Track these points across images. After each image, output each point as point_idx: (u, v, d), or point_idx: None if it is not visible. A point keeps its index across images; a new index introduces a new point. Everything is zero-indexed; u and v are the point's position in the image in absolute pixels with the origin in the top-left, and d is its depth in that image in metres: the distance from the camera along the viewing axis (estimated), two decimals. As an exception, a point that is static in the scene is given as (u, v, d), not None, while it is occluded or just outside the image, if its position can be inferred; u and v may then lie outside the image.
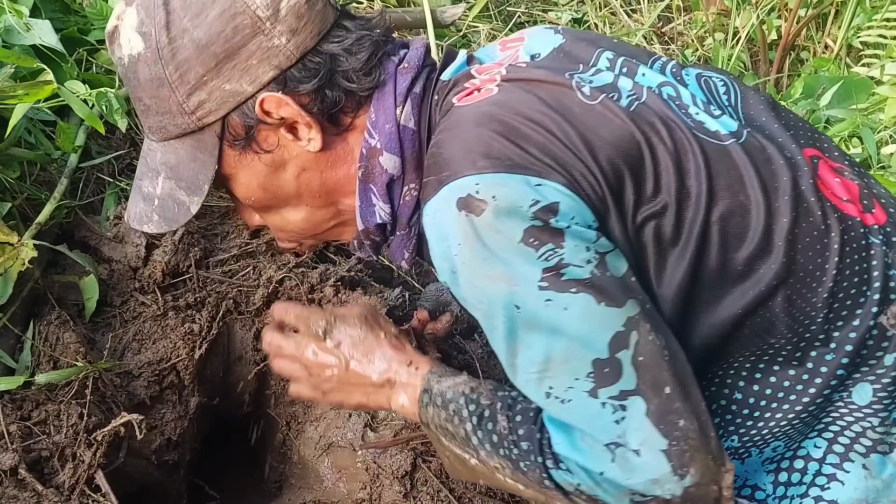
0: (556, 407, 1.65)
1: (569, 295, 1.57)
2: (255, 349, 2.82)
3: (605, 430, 1.61)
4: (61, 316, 2.52)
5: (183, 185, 1.83)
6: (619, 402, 1.60)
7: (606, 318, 1.59)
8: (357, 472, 2.58)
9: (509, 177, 1.58)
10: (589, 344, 1.59)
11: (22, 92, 2.39)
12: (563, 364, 1.61)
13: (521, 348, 1.64)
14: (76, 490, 2.18)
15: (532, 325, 1.61)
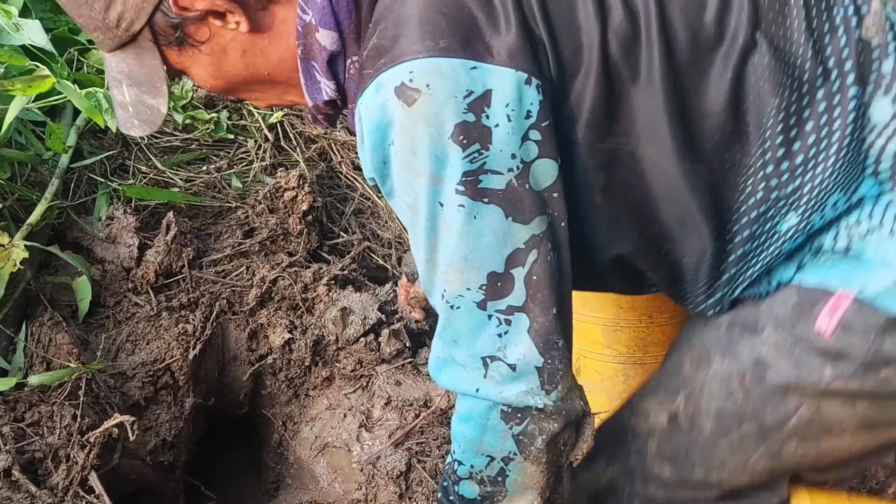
0: (445, 311, 1.67)
1: (480, 204, 1.57)
2: (249, 349, 2.82)
3: (485, 343, 1.65)
4: (54, 317, 2.50)
5: (145, 89, 1.80)
6: (505, 317, 1.63)
7: (510, 234, 1.59)
8: (352, 473, 2.57)
9: (444, 61, 1.53)
10: (488, 256, 1.60)
11: (20, 86, 2.37)
12: (459, 272, 1.62)
13: (428, 244, 1.64)
14: (70, 491, 2.17)
15: (444, 224, 1.60)
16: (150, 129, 1.89)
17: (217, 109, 3.34)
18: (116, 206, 2.81)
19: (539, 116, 1.56)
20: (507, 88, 1.54)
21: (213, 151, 3.24)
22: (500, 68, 1.53)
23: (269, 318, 2.80)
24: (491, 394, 1.67)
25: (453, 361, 1.70)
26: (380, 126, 1.58)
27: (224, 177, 3.13)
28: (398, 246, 3.29)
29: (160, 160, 3.05)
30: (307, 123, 3.44)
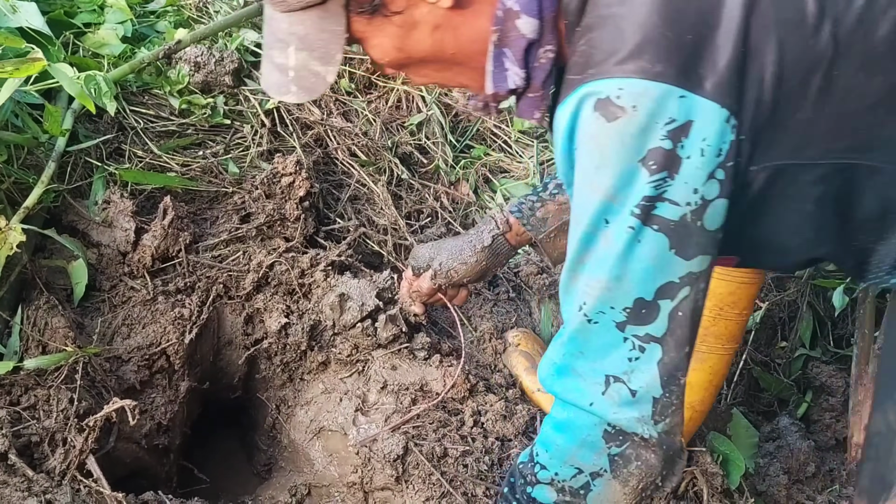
0: (580, 324, 1.70)
1: (649, 230, 1.60)
2: (244, 333, 2.82)
3: (613, 363, 1.70)
4: (50, 301, 2.51)
5: (316, 55, 1.76)
6: (640, 344, 1.68)
7: (669, 265, 1.63)
8: (348, 456, 2.58)
9: (656, 86, 1.54)
10: (640, 282, 1.64)
11: (11, 67, 2.36)
12: (607, 289, 1.65)
13: (591, 258, 1.67)
14: (67, 475, 2.18)
15: (605, 239, 1.63)
16: (308, 98, 1.89)
17: (213, 95, 3.33)
18: (113, 190, 2.81)
19: (727, 156, 1.59)
20: (709, 123, 1.56)
21: (210, 136, 3.24)
22: (707, 102, 1.55)
23: (265, 303, 2.80)
24: (604, 412, 1.72)
25: (573, 371, 1.75)
26: (572, 135, 1.62)
27: (220, 162, 3.13)
28: (393, 232, 3.30)
29: (156, 144, 3.05)
30: (304, 109, 3.44)
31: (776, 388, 3.39)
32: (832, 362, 3.48)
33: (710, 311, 2.59)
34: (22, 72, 2.38)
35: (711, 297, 2.42)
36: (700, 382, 2.68)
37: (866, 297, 3.21)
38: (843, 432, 3.21)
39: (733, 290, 2.59)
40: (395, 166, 3.51)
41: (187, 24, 3.55)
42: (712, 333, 2.63)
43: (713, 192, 1.60)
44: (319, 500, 2.60)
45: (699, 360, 2.63)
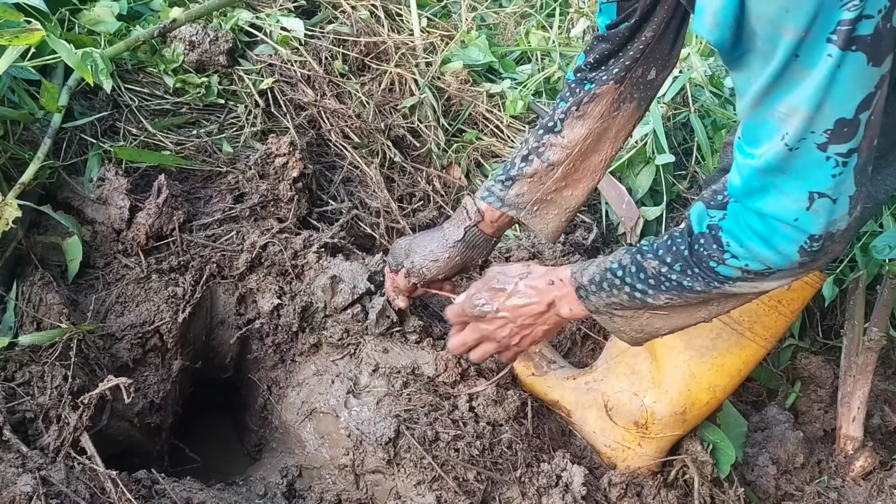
0: (779, 152, 1.74)
1: (849, 53, 1.60)
2: (237, 314, 2.82)
3: (818, 180, 1.75)
4: (45, 277, 2.50)
5: None
6: (843, 159, 1.72)
7: (867, 79, 1.65)
8: (340, 439, 2.58)
9: None
10: (841, 104, 1.66)
11: (10, 36, 2.34)
12: (808, 117, 1.68)
13: (779, 89, 1.69)
14: (61, 452, 2.17)
15: (800, 73, 1.65)
16: None
17: (208, 74, 3.32)
18: (108, 167, 2.80)
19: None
20: None
21: (204, 116, 3.23)
22: None
23: (258, 284, 2.80)
24: (809, 226, 1.80)
25: (775, 189, 1.79)
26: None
27: (215, 141, 3.12)
28: (386, 215, 3.30)
29: (151, 123, 3.04)
30: (298, 90, 3.44)
31: (765, 378, 3.41)
32: (821, 353, 3.49)
33: (769, 300, 2.61)
34: (21, 40, 2.36)
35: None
36: (731, 368, 2.70)
37: (856, 288, 3.23)
38: (832, 423, 3.23)
39: (797, 286, 2.61)
40: (387, 149, 3.51)
41: (182, 2, 3.53)
42: (762, 322, 2.65)
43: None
44: (310, 482, 2.60)
45: (740, 345, 2.66)
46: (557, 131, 2.52)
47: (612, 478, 2.65)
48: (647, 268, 2.08)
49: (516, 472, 2.53)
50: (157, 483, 2.28)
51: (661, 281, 2.07)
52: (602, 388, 2.80)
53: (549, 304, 2.34)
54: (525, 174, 2.55)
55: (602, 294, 2.21)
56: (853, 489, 3.02)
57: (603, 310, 2.24)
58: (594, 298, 2.23)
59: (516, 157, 2.58)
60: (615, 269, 2.16)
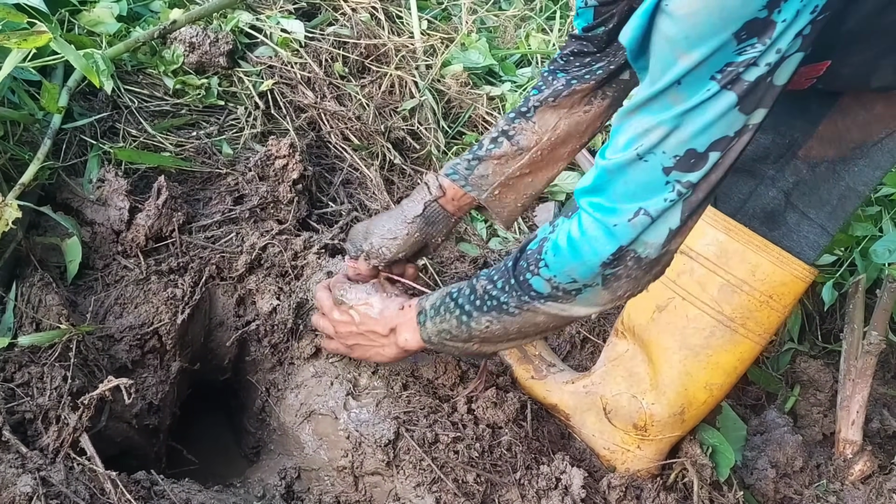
0: (629, 159, 1.80)
1: (724, 91, 1.67)
2: (236, 315, 2.82)
3: (651, 200, 1.81)
4: (44, 278, 2.50)
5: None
6: (680, 188, 1.79)
7: (731, 121, 1.71)
8: (338, 440, 2.57)
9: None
10: (697, 136, 1.73)
11: (17, 39, 2.34)
12: (665, 135, 1.74)
13: (652, 105, 1.75)
14: (61, 453, 2.17)
15: (675, 98, 1.71)
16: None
17: (208, 75, 3.33)
18: (107, 168, 2.79)
19: (822, 9, 1.64)
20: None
21: (204, 117, 3.23)
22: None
23: (257, 285, 2.80)
24: (623, 236, 1.85)
25: (612, 192, 1.85)
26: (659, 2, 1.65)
27: (214, 143, 3.12)
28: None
29: (150, 124, 3.04)
30: (298, 93, 3.44)
31: (764, 381, 3.40)
32: (820, 357, 3.49)
33: (760, 296, 2.62)
34: (29, 43, 2.36)
35: (766, 282, 2.57)
36: (727, 366, 2.70)
37: (856, 292, 3.23)
38: (831, 427, 3.23)
39: (787, 281, 2.61)
40: (387, 151, 3.51)
41: (182, 4, 3.53)
42: (755, 318, 2.65)
43: (794, 48, 1.66)
44: (309, 484, 2.60)
45: (734, 342, 2.66)
46: (529, 117, 2.56)
47: (611, 480, 2.64)
48: (477, 288, 2.17)
49: (516, 475, 2.53)
50: (157, 484, 2.28)
51: (484, 300, 2.15)
52: (600, 392, 2.80)
53: (391, 330, 2.42)
54: (493, 155, 2.57)
55: (437, 319, 2.27)
56: (852, 493, 3.01)
57: (435, 339, 2.30)
58: (429, 326, 2.29)
59: (485, 138, 2.60)
60: (453, 293, 2.25)
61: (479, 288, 2.17)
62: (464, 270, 3.23)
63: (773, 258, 2.59)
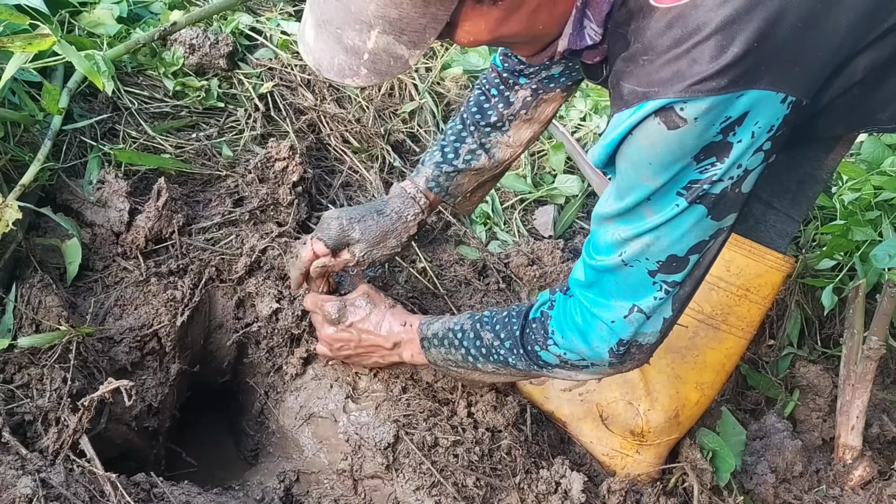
0: (616, 264, 1.93)
1: (693, 206, 1.79)
2: (235, 317, 2.81)
3: (642, 298, 1.95)
4: (44, 279, 2.49)
5: (405, 39, 1.71)
6: (667, 287, 1.93)
7: (703, 229, 1.84)
8: (338, 443, 2.57)
9: (719, 99, 1.64)
10: (676, 244, 1.85)
11: (20, 43, 2.34)
12: (647, 245, 1.87)
13: (628, 217, 1.87)
14: (60, 454, 2.16)
15: (649, 211, 1.83)
16: (379, 82, 1.96)
17: (208, 77, 3.32)
18: (108, 170, 2.79)
19: (779, 127, 1.73)
20: (764, 109, 1.68)
21: (204, 119, 3.22)
22: (764, 92, 1.66)
23: (257, 287, 2.79)
24: (622, 331, 2.00)
25: (606, 291, 1.98)
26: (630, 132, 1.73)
27: (214, 145, 3.12)
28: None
29: (150, 126, 3.03)
30: (298, 95, 3.43)
31: (764, 386, 3.40)
32: (820, 362, 3.49)
33: (737, 290, 2.67)
34: (34, 47, 2.36)
35: (741, 276, 2.64)
36: (714, 363, 2.74)
37: (856, 296, 3.22)
38: (830, 432, 3.23)
39: (762, 272, 2.66)
40: (387, 154, 3.50)
41: (182, 5, 3.53)
42: (735, 313, 2.69)
43: (756, 162, 1.76)
44: (308, 487, 2.59)
45: (718, 339, 2.70)
46: (505, 130, 2.64)
47: (611, 485, 2.64)
48: (483, 338, 2.31)
49: (515, 479, 2.52)
50: (156, 486, 2.27)
51: (491, 352, 2.30)
52: (596, 399, 2.81)
53: (395, 344, 2.52)
54: (472, 168, 2.66)
55: (441, 349, 2.42)
56: (851, 498, 3.01)
57: (440, 363, 2.46)
58: (434, 352, 2.44)
59: (459, 150, 2.66)
60: (456, 332, 2.38)
61: (485, 338, 2.31)
62: (463, 273, 3.22)
63: (746, 251, 2.64)
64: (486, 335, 2.30)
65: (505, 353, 2.25)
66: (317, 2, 1.76)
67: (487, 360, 2.31)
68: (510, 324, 2.25)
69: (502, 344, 2.25)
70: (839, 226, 3.27)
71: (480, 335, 2.31)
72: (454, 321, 2.41)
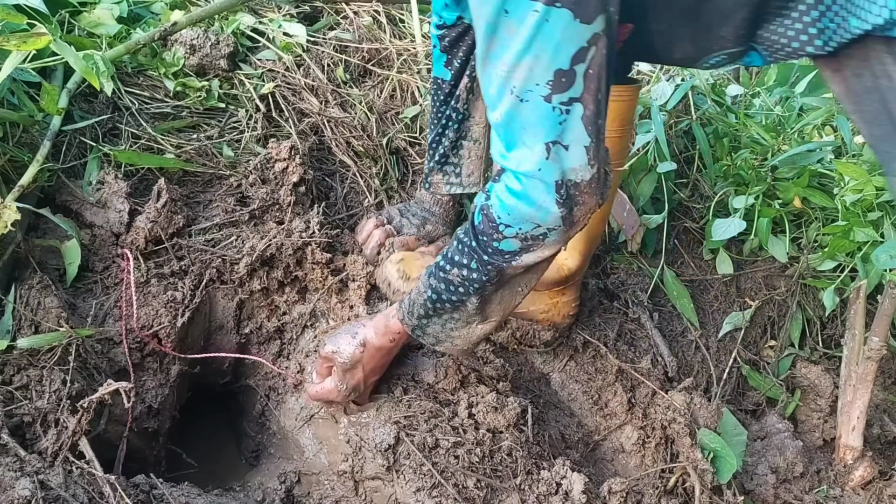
0: (513, 104, 1.90)
1: (553, 8, 1.76)
2: (236, 319, 2.81)
3: (549, 130, 1.91)
4: (43, 280, 2.49)
5: None
6: (565, 107, 1.89)
7: (576, 34, 1.80)
8: (339, 445, 2.57)
9: None
10: (556, 55, 1.82)
11: (17, 41, 2.34)
12: (529, 69, 1.84)
13: (497, 46, 1.85)
14: (59, 456, 2.16)
15: (513, 29, 1.80)
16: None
17: (208, 78, 3.31)
18: (107, 170, 2.78)
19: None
20: None
21: (204, 119, 3.22)
22: None
23: (258, 289, 2.79)
24: (551, 173, 1.95)
25: (521, 143, 1.95)
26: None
27: (215, 145, 3.11)
28: (386, 223, 3.30)
29: (151, 126, 3.03)
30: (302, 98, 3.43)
31: (765, 387, 3.40)
32: (821, 362, 3.49)
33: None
34: (29, 45, 2.36)
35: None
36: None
37: (857, 297, 3.22)
38: (831, 433, 3.23)
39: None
40: (388, 156, 3.50)
41: (183, 6, 3.52)
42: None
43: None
44: (309, 488, 2.59)
45: None
46: (468, 116, 2.90)
47: (612, 486, 2.63)
48: (453, 279, 2.24)
49: (516, 480, 2.52)
50: (156, 488, 2.27)
51: (467, 285, 2.23)
52: None
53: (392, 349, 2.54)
54: (464, 157, 2.95)
55: (434, 324, 2.36)
56: (852, 499, 3.01)
57: (443, 337, 2.39)
58: (430, 330, 2.38)
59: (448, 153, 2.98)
60: (432, 297, 2.30)
61: (454, 278, 2.24)
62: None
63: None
64: (453, 273, 2.24)
65: (477, 276, 2.20)
66: None
67: (468, 293, 2.25)
68: (462, 244, 2.22)
69: (469, 267, 2.20)
70: (841, 226, 3.26)
71: (450, 279, 2.25)
72: (422, 291, 2.34)
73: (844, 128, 3.82)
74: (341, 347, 2.47)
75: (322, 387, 2.53)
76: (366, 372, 2.50)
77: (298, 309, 2.82)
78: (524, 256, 2.14)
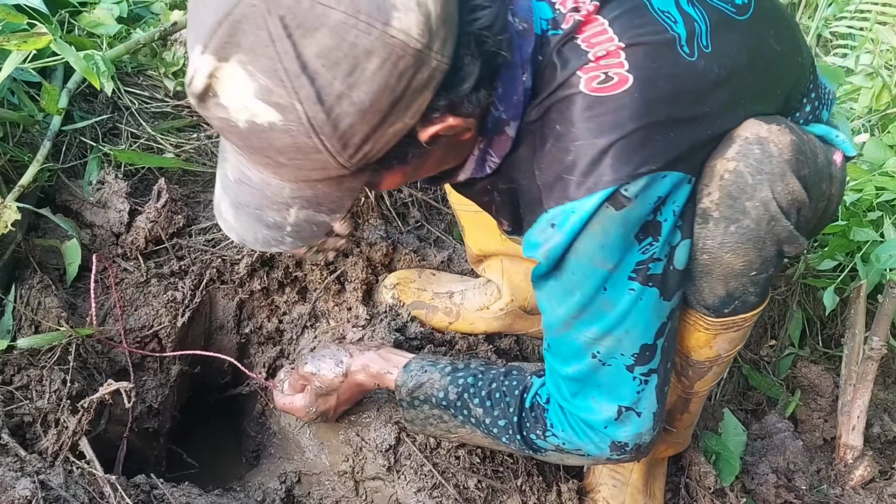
0: (593, 366, 1.94)
1: (647, 288, 1.84)
2: (236, 319, 2.80)
3: (626, 396, 1.96)
4: (43, 280, 2.48)
5: (324, 209, 1.70)
6: (645, 378, 1.96)
7: (661, 311, 1.91)
8: (340, 445, 2.56)
9: (649, 178, 1.72)
10: (644, 331, 1.90)
11: (17, 41, 2.33)
12: (618, 341, 1.89)
13: (588, 316, 1.88)
14: (60, 456, 2.16)
15: (608, 304, 1.85)
16: (303, 244, 1.92)
17: (208, 77, 3.31)
18: (107, 170, 2.78)
19: (685, 205, 1.85)
20: (676, 189, 1.80)
21: (204, 119, 3.21)
22: (675, 174, 1.77)
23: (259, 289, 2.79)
24: (617, 434, 2.01)
25: (591, 398, 2.00)
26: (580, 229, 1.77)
27: (215, 144, 3.10)
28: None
29: (151, 126, 3.02)
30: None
31: (765, 386, 3.40)
32: (821, 362, 3.49)
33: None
34: (29, 45, 2.35)
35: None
36: None
37: (857, 297, 3.22)
38: (832, 432, 3.23)
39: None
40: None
41: (183, 5, 3.52)
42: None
43: (677, 237, 1.86)
44: (309, 488, 2.59)
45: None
46: None
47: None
48: (473, 411, 2.20)
49: (517, 481, 2.52)
50: (156, 488, 2.27)
51: (481, 426, 2.21)
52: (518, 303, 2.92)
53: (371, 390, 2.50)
54: None
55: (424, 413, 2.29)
56: (852, 498, 3.01)
57: (418, 426, 2.33)
58: (413, 415, 2.32)
59: None
60: (443, 404, 2.24)
61: (474, 411, 2.20)
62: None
63: None
64: (476, 410, 2.19)
65: (498, 432, 2.18)
66: (230, 187, 1.73)
67: (476, 428, 2.23)
68: (506, 407, 2.16)
69: (496, 422, 2.17)
70: (841, 226, 3.26)
71: (469, 407, 2.20)
72: (437, 388, 2.25)
73: (844, 128, 3.82)
74: (322, 371, 2.40)
75: (291, 402, 2.49)
76: (339, 401, 2.47)
77: (298, 309, 2.81)
78: (548, 454, 2.17)
